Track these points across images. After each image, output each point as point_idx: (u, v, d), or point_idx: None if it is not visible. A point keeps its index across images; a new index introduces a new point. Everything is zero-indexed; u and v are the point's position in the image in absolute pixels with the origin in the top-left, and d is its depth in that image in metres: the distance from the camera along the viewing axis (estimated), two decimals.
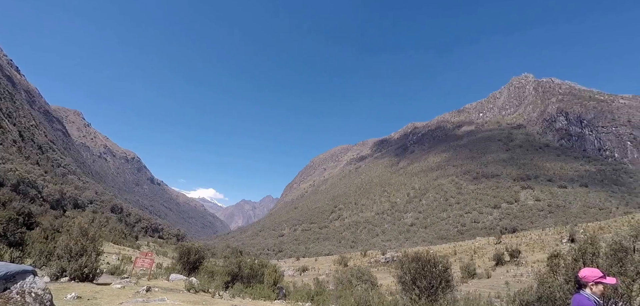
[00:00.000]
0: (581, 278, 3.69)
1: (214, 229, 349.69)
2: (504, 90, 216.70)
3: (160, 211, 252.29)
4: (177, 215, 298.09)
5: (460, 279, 30.20)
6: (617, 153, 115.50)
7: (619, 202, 74.34)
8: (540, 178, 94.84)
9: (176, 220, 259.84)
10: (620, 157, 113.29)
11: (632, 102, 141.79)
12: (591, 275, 3.65)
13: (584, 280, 3.65)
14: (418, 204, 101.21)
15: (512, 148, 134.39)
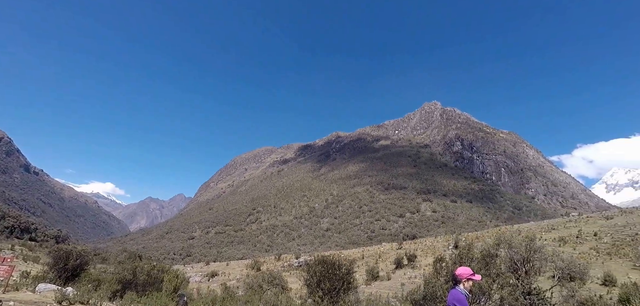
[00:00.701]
0: (457, 275, 4.43)
1: (108, 230, 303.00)
2: (417, 112, 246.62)
3: (37, 206, 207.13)
4: (59, 212, 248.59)
5: (364, 281, 33.23)
6: (494, 176, 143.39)
7: (492, 217, 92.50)
8: (437, 193, 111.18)
9: (58, 218, 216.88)
10: (496, 180, 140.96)
11: (508, 137, 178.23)
12: (464, 272, 4.41)
13: (459, 277, 4.39)
14: (335, 210, 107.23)
15: (418, 164, 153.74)
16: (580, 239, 30.56)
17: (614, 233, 30.67)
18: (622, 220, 36.53)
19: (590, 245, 28.57)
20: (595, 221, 38.38)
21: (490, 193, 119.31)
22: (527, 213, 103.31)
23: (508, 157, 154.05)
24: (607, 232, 31.28)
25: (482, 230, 54.83)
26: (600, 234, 30.83)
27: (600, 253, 26.19)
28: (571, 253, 27.17)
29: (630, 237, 28.85)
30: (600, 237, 29.91)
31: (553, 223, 43.31)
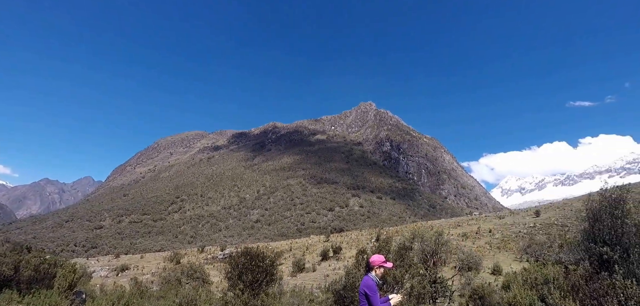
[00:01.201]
0: (370, 262, 4.59)
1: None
2: (353, 111, 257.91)
3: None
4: None
5: (290, 273, 33.61)
6: (416, 176, 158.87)
7: (411, 213, 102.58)
8: (366, 189, 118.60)
9: None
10: (417, 180, 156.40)
11: (430, 142, 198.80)
12: (377, 260, 4.55)
13: (371, 264, 4.55)
14: (266, 201, 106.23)
15: (351, 161, 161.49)
16: (479, 235, 35.85)
17: (504, 230, 36.72)
18: (510, 219, 43.97)
19: (485, 240, 33.72)
20: (491, 220, 45.48)
21: (411, 191, 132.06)
22: (440, 211, 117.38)
23: (428, 160, 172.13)
24: (499, 229, 37.29)
25: (402, 225, 60.27)
26: (494, 231, 36.62)
27: (492, 247, 31.09)
28: (470, 247, 31.58)
29: (515, 234, 34.87)
30: (494, 233, 35.52)
31: (459, 221, 49.94)
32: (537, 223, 38.67)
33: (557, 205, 50.34)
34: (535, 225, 37.64)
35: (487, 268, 24.63)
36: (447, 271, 22.99)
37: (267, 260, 16.17)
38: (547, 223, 37.76)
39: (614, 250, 9.67)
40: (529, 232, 34.35)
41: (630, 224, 9.65)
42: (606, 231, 10.33)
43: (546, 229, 35.31)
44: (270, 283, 16.64)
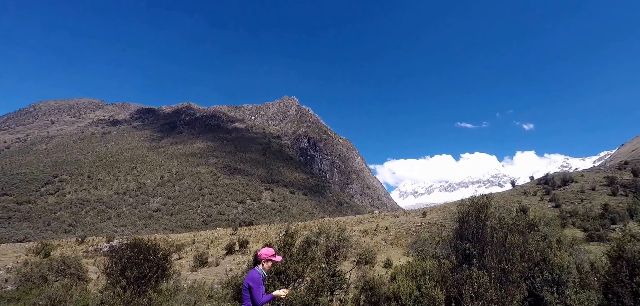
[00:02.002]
0: (258, 255, 4.41)
1: None
2: (276, 103, 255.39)
3: None
4: None
5: (191, 268, 31.05)
6: (328, 175, 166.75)
7: (320, 209, 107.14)
8: (279, 183, 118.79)
9: None
10: (329, 178, 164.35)
11: (344, 143, 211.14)
12: (265, 253, 4.38)
13: (259, 257, 4.37)
14: (170, 189, 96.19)
15: (267, 153, 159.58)
16: (377, 232, 39.41)
17: (397, 228, 41.24)
18: (403, 219, 49.69)
19: (382, 236, 37.24)
20: (388, 218, 50.62)
21: (322, 188, 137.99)
22: (347, 208, 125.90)
23: (341, 160, 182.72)
24: (394, 227, 41.71)
25: (311, 221, 62.24)
26: (390, 228, 40.79)
27: (387, 242, 34.49)
28: (369, 243, 34.39)
29: (406, 231, 39.47)
30: (389, 231, 39.54)
31: (361, 218, 54.15)
32: (423, 222, 44.61)
33: (439, 208, 59.12)
34: (422, 224, 43.38)
35: (380, 262, 27.13)
36: (347, 265, 24.49)
37: (159, 253, 14.37)
38: (431, 223, 43.88)
39: (475, 247, 11.61)
40: (416, 230, 39.34)
41: (488, 226, 11.72)
42: (471, 231, 12.34)
43: (429, 228, 40.99)
44: (161, 279, 14.84)
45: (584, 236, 39.63)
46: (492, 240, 11.19)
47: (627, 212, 43.09)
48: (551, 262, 11.86)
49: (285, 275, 14.80)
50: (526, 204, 56.81)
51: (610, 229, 39.28)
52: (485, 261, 10.91)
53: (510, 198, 64.36)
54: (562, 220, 48.22)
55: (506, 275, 10.71)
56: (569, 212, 51.05)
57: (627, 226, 35.99)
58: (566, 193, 59.27)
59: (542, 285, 11.24)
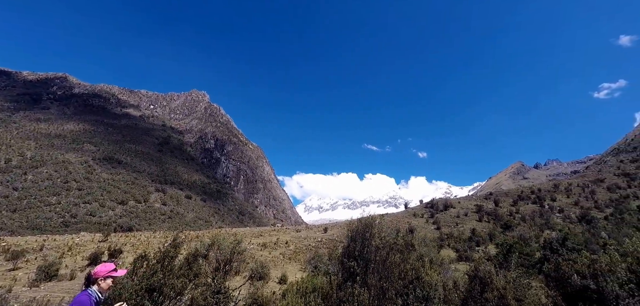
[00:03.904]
0: (92, 274, 3.78)
1: None
2: (183, 96, 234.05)
3: None
4: None
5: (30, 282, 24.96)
6: (233, 181, 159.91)
7: (219, 218, 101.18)
8: (174, 184, 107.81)
9: None
10: (234, 185, 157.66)
11: (254, 150, 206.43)
12: (103, 270, 3.81)
13: (94, 276, 3.76)
14: (20, 177, 76.32)
15: (165, 150, 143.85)
16: (277, 245, 39.01)
17: (298, 243, 41.69)
18: (305, 233, 50.69)
19: (281, 250, 36.98)
20: (290, 232, 50.92)
21: (224, 195, 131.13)
22: (249, 218, 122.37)
23: (249, 167, 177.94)
24: (294, 242, 42.01)
25: (206, 230, 58.04)
26: (290, 243, 40.91)
27: (285, 257, 34.35)
28: (266, 256, 33.70)
29: (305, 246, 40.18)
30: (289, 245, 39.62)
31: (262, 231, 53.10)
32: (323, 238, 46.34)
33: (340, 224, 62.63)
34: (322, 239, 44.99)
35: (275, 277, 26.72)
36: (239, 280, 23.28)
37: None
38: (330, 239, 45.87)
39: (359, 265, 12.26)
40: (316, 246, 40.49)
41: (373, 245, 12.56)
42: (358, 249, 13.06)
43: (328, 244, 42.73)
44: None
45: (456, 256, 47.20)
46: (375, 258, 12.05)
47: (488, 235, 53.36)
48: (423, 280, 13.43)
49: (159, 293, 12.99)
50: (414, 225, 65.06)
51: (475, 250, 47.88)
52: (367, 278, 11.63)
53: (402, 219, 72.82)
54: (440, 241, 56.75)
55: (384, 292, 11.61)
56: (447, 233, 60.51)
57: (487, 248, 44.41)
58: (446, 217, 70.25)
59: (414, 302, 12.53)
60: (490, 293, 13.50)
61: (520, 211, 68.79)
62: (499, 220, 63.72)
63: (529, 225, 57.97)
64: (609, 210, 64.39)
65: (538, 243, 36.53)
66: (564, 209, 68.50)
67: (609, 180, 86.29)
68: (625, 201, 69.23)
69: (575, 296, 10.88)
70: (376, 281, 11.68)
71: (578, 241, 24.73)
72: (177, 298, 13.86)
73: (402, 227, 60.57)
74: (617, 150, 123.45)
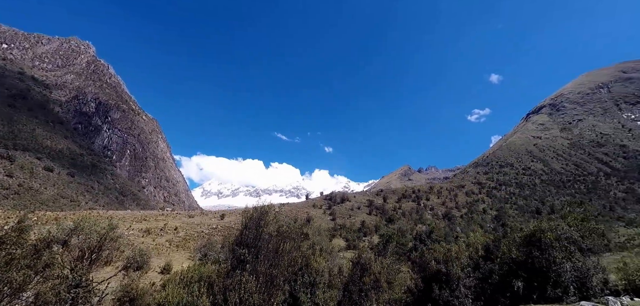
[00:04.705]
0: None
1: None
2: (56, 41, 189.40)
3: None
4: None
5: None
6: (116, 156, 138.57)
7: (91, 198, 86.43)
8: (29, 152, 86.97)
9: None
10: (116, 160, 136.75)
11: (149, 122, 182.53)
12: None
13: None
14: None
15: (20, 106, 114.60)
16: (163, 232, 35.61)
17: (189, 229, 38.93)
18: (199, 219, 47.70)
19: (168, 237, 33.92)
20: (181, 218, 47.15)
21: (102, 171, 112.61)
22: (132, 200, 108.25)
23: (140, 142, 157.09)
24: (185, 228, 39.04)
25: (71, 211, 49.15)
26: (180, 229, 37.86)
27: (172, 245, 31.65)
28: (149, 244, 30.47)
29: (198, 233, 37.82)
30: (179, 231, 36.64)
31: (147, 215, 47.76)
32: (219, 225, 44.50)
33: (239, 211, 61.15)
34: (218, 226, 43.14)
35: (158, 267, 24.40)
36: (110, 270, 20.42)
37: None
38: (227, 226, 44.37)
39: (251, 252, 12.19)
40: (210, 232, 38.57)
41: (266, 232, 12.64)
42: (251, 236, 12.97)
43: (224, 231, 41.26)
44: None
45: (345, 245, 51.52)
46: (267, 246, 12.16)
47: (374, 227, 59.82)
48: (312, 267, 14.23)
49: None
50: (312, 215, 68.37)
51: (362, 240, 53.13)
52: (258, 266, 11.65)
53: (302, 209, 75.66)
54: (334, 231, 61.13)
55: (273, 279, 11.84)
56: (340, 224, 65.57)
57: (372, 238, 49.73)
58: (342, 210, 75.90)
59: (301, 288, 13.17)
60: (367, 277, 15.20)
61: (402, 207, 79.44)
62: (385, 214, 72.27)
63: (407, 220, 67.65)
64: (465, 210, 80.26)
65: (412, 234, 42.95)
66: (434, 207, 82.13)
67: (467, 186, 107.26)
68: (475, 204, 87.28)
69: (431, 278, 13.18)
70: (266, 268, 11.80)
71: (440, 234, 29.98)
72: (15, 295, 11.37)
73: (301, 216, 63.02)
74: (476, 163, 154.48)
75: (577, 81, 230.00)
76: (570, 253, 9.00)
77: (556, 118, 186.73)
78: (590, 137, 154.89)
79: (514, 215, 74.44)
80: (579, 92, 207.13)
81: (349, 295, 15.38)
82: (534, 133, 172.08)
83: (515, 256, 10.58)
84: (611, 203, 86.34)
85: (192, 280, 12.73)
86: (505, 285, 10.44)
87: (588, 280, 8.66)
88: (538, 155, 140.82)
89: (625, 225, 62.28)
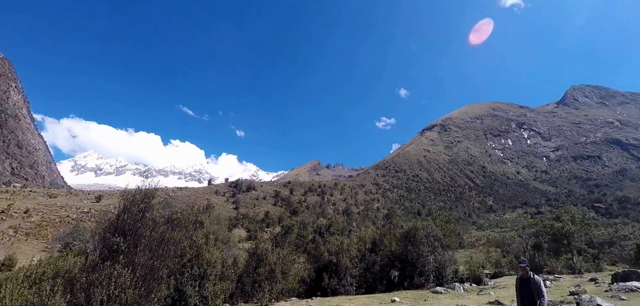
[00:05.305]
0: None
1: None
2: None
3: None
4: None
5: None
6: None
7: None
8: None
9: None
10: None
11: None
12: None
13: None
14: None
15: None
16: (7, 215, 28.81)
17: (48, 213, 32.41)
18: (64, 200, 40.20)
19: (13, 223, 27.58)
20: (37, 197, 38.96)
21: None
22: None
23: None
24: (41, 211, 32.34)
25: None
26: (33, 212, 31.18)
27: (19, 232, 25.88)
28: None
29: (60, 218, 31.79)
30: (31, 215, 30.16)
31: None
32: (94, 208, 38.42)
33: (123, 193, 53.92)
34: (91, 211, 37.17)
35: None
36: None
37: None
38: (105, 211, 38.55)
39: (128, 240, 10.82)
40: (78, 217, 32.96)
41: (150, 218, 11.41)
42: (131, 222, 11.51)
43: (102, 215, 35.75)
44: None
45: (246, 235, 50.73)
46: (150, 234, 10.99)
47: (278, 218, 60.48)
48: (203, 258, 13.53)
49: None
50: (214, 202, 65.15)
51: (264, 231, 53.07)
52: (135, 257, 10.42)
53: (203, 195, 71.36)
54: (235, 221, 59.47)
55: (155, 271, 10.77)
56: (243, 214, 64.20)
57: (275, 229, 50.16)
58: (247, 199, 74.36)
59: (189, 280, 12.38)
60: (263, 268, 15.28)
61: (308, 200, 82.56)
62: (290, 206, 73.89)
63: (311, 213, 70.65)
64: (362, 207, 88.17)
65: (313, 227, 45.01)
66: (336, 203, 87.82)
67: (367, 186, 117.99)
68: (372, 202, 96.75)
69: (323, 268, 14.05)
70: (146, 259, 10.66)
71: (338, 228, 32.19)
72: None
73: (200, 203, 59.32)
74: (377, 166, 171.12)
75: (462, 109, 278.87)
76: (434, 248, 10.84)
77: (443, 137, 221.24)
78: (464, 157, 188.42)
79: (401, 215, 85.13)
80: (462, 118, 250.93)
81: (242, 287, 15.19)
82: (426, 146, 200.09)
83: (394, 249, 12.10)
84: (469, 211, 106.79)
85: (43, 277, 10.61)
86: (384, 274, 11.83)
87: (444, 270, 10.58)
88: (425, 166, 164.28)
89: (477, 229, 77.93)
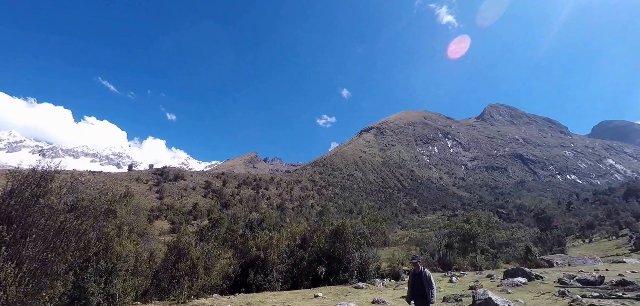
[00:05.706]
0: None
1: None
2: None
3: None
4: None
5: None
6: None
7: None
8: None
9: None
10: None
11: None
12: None
13: None
14: None
15: None
16: None
17: None
18: None
19: None
20: None
21: None
22: None
23: None
24: None
25: None
26: None
27: None
28: None
29: None
30: None
31: None
32: None
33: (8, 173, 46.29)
34: None
35: None
36: None
37: None
38: None
39: (12, 230, 9.24)
40: None
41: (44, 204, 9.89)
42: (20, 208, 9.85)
43: None
44: None
45: (170, 228, 47.39)
46: (45, 222, 9.53)
47: (207, 211, 57.46)
48: (113, 251, 12.18)
49: None
50: (134, 190, 59.64)
51: (191, 224, 50.10)
52: (23, 249, 8.94)
53: (121, 182, 64.90)
54: (158, 212, 55.13)
55: (48, 265, 9.38)
56: (168, 205, 59.82)
57: (203, 222, 47.63)
58: (173, 188, 69.48)
59: (93, 276, 11.04)
60: (183, 263, 14.33)
61: (241, 194, 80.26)
62: (222, 198, 71.03)
63: (244, 206, 68.79)
64: (297, 203, 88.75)
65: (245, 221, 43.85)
66: (271, 197, 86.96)
67: (303, 182, 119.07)
68: (307, 199, 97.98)
69: (249, 263, 13.69)
70: (38, 252, 9.21)
71: (271, 223, 31.84)
72: None
73: (117, 190, 53.73)
74: (315, 163, 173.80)
75: (397, 115, 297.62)
76: (360, 245, 11.29)
77: (379, 140, 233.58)
78: (396, 160, 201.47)
79: (334, 212, 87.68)
80: (397, 124, 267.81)
81: (158, 283, 14.07)
82: (362, 147, 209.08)
83: (323, 246, 12.30)
84: (397, 211, 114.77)
85: None
86: (311, 270, 11.94)
87: (367, 266, 11.10)
88: (361, 166, 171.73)
89: (402, 228, 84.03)
